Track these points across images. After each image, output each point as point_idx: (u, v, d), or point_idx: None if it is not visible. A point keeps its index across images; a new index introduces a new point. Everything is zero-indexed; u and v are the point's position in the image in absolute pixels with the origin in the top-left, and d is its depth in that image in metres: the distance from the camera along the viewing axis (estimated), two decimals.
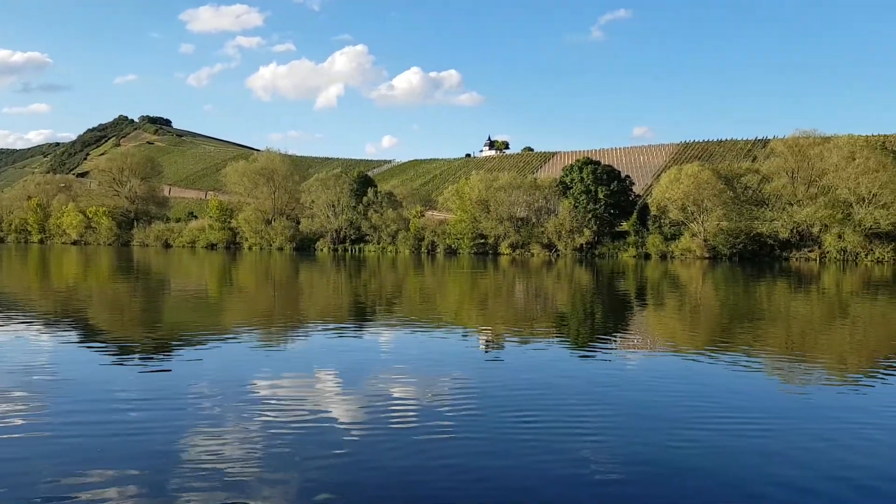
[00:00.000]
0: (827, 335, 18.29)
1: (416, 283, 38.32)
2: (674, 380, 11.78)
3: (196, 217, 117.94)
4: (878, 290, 34.19)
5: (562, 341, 16.39)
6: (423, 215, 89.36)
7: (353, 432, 8.37)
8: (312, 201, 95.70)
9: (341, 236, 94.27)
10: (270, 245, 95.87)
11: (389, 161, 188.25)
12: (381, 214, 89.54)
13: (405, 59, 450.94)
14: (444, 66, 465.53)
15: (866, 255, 63.95)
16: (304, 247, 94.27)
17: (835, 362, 13.98)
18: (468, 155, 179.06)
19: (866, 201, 64.61)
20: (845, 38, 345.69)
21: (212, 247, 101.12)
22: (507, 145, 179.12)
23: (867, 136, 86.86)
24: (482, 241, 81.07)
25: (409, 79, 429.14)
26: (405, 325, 19.07)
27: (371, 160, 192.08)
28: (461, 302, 27.86)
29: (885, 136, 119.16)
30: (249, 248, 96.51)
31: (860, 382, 11.91)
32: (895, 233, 63.91)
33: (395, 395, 10.40)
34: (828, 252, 65.64)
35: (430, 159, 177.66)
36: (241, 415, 9.03)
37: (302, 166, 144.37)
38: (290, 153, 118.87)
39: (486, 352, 14.81)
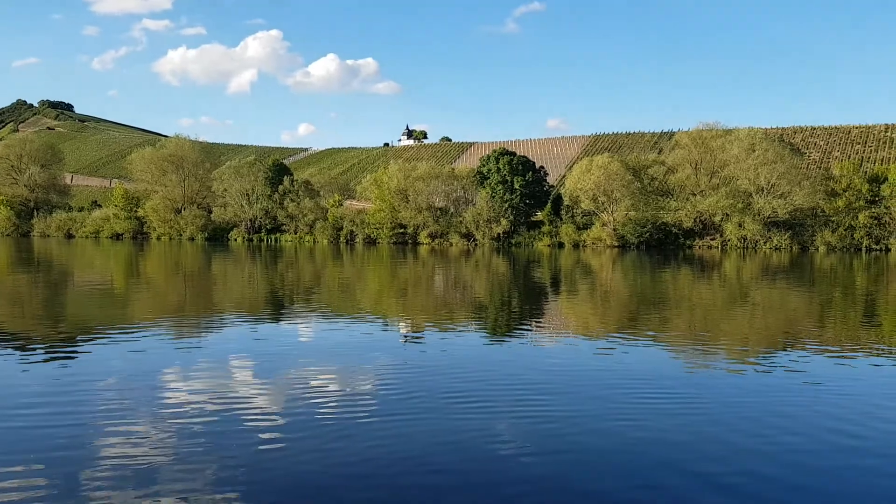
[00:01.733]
0: (728, 320, 19.36)
1: (335, 272, 37.95)
2: (585, 363, 12.22)
3: (100, 206, 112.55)
4: (775, 276, 36.39)
5: (480, 329, 16.67)
6: (342, 204, 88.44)
7: (271, 424, 8.27)
8: (225, 190, 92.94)
9: (256, 226, 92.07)
10: (180, 235, 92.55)
11: (306, 149, 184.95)
12: (298, 203, 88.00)
13: (321, 45, 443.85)
14: (362, 53, 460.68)
15: (765, 242, 67.86)
16: (217, 237, 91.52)
17: (736, 346, 14.84)
18: (387, 144, 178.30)
19: (765, 191, 68.50)
20: (747, 34, 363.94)
21: (117, 237, 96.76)
22: (425, 135, 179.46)
23: (766, 129, 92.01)
24: (401, 230, 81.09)
25: (325, 66, 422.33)
26: (324, 315, 18.90)
27: (287, 148, 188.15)
28: (381, 292, 27.83)
29: (782, 128, 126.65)
30: (158, 239, 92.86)
31: (759, 365, 12.69)
32: (792, 221, 68.10)
33: (314, 385, 10.33)
34: (729, 240, 69.23)
35: (349, 148, 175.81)
36: (153, 409, 8.76)
37: (214, 153, 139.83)
38: (200, 139, 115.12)
39: (406, 341, 14.89)
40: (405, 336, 15.50)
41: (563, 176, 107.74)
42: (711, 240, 70.60)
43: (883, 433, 8.20)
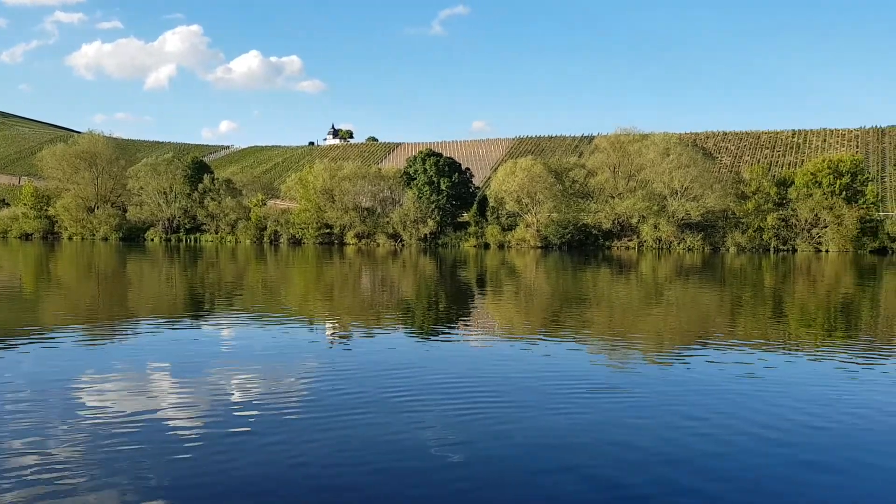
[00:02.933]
0: (645, 318, 20.11)
1: (258, 273, 37.21)
2: (511, 362, 12.48)
3: (8, 204, 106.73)
4: (689, 276, 37.99)
5: (408, 329, 16.74)
6: (265, 204, 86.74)
7: (190, 430, 8.10)
8: (141, 188, 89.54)
9: (175, 225, 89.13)
10: (94, 235, 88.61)
11: (228, 147, 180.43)
12: (219, 202, 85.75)
13: (244, 42, 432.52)
14: (286, 51, 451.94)
15: (679, 243, 70.67)
16: (133, 237, 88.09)
17: (652, 343, 15.46)
18: (312, 143, 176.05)
19: (679, 194, 71.35)
20: (665, 42, 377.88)
21: (26, 237, 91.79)
22: (351, 134, 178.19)
23: (680, 134, 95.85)
24: (327, 230, 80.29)
25: (248, 62, 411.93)
26: (248, 317, 18.54)
27: (208, 145, 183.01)
28: (307, 293, 27.49)
29: (695, 133, 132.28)
30: (70, 239, 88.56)
31: (674, 360, 13.27)
32: (704, 223, 71.16)
33: (235, 389, 10.15)
34: (645, 241, 71.75)
35: (272, 146, 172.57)
36: (66, 417, 8.42)
37: (129, 150, 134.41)
38: (115, 136, 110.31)
39: (334, 342, 14.80)
40: (332, 337, 15.41)
41: (489, 178, 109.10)
42: (629, 241, 72.98)
43: (795, 423, 8.74)
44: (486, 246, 74.09)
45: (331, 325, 17.30)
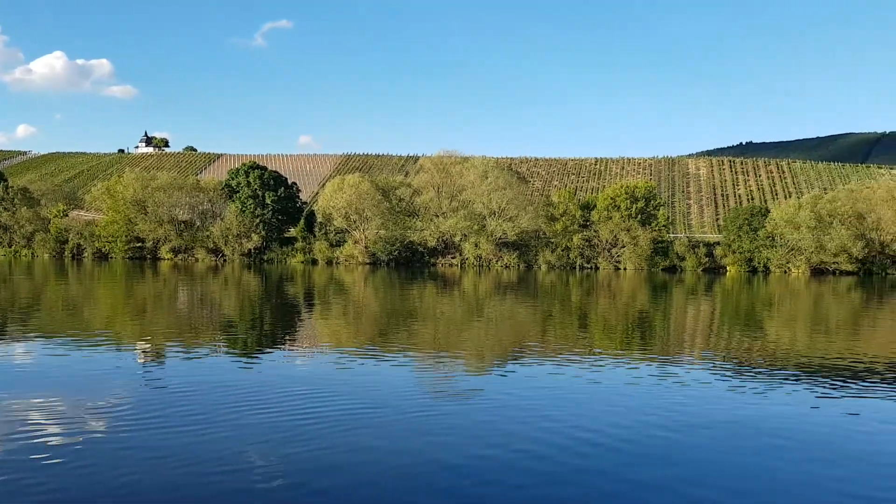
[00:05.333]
0: (467, 331, 21.08)
1: (58, 291, 33.93)
2: (337, 377, 12.59)
3: None
4: (506, 292, 40.18)
5: (230, 348, 16.23)
6: (67, 215, 79.11)
7: None
8: None
9: None
10: None
11: (25, 153, 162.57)
12: (14, 213, 77.02)
13: (47, 42, 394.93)
14: (94, 54, 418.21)
15: (497, 261, 74.34)
16: None
17: (473, 355, 16.28)
18: (122, 151, 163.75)
19: (497, 215, 75.17)
20: (485, 67, 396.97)
21: None
22: (166, 143, 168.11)
23: (497, 158, 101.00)
24: (139, 244, 74.90)
25: (50, 63, 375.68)
26: (45, 338, 16.95)
27: (1, 150, 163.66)
28: (114, 312, 25.56)
29: (511, 158, 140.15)
30: None
31: (494, 371, 14.10)
32: (519, 242, 75.46)
33: (30, 420, 9.35)
34: (467, 258, 74.70)
35: (77, 153, 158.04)
36: None
37: None
38: None
39: (144, 365, 14.00)
40: (144, 359, 14.57)
41: (317, 193, 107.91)
42: (452, 258, 75.58)
43: (601, 423, 9.70)
44: (315, 262, 73.13)
45: (143, 346, 16.32)
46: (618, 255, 74.47)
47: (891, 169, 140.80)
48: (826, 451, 8.72)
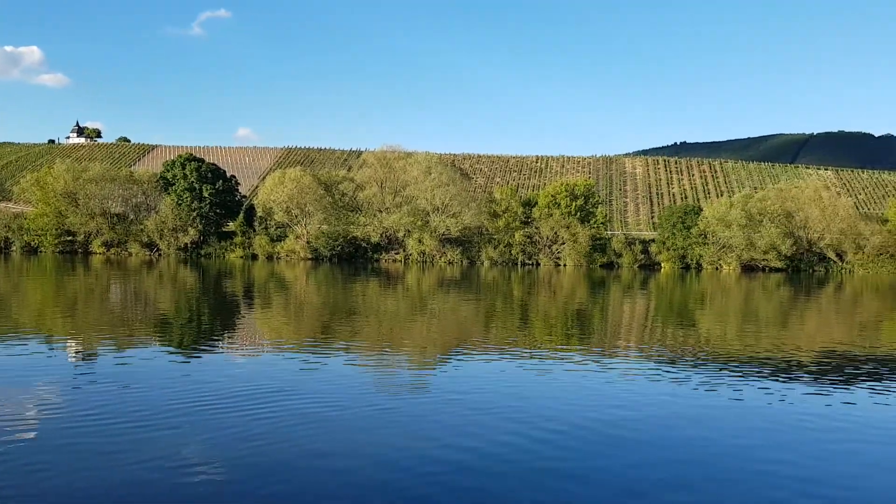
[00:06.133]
0: (411, 327, 21.10)
1: None
2: (275, 374, 12.42)
3: None
4: (449, 287, 40.35)
5: (165, 346, 15.81)
6: None
7: None
8: None
9: None
10: None
11: None
12: None
13: None
14: (24, 40, 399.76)
15: (440, 257, 74.57)
16: None
17: (417, 350, 16.31)
18: (52, 141, 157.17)
19: (440, 211, 75.36)
20: (427, 64, 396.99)
21: None
22: (99, 133, 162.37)
23: (440, 154, 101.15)
24: (70, 238, 72.12)
25: None
26: None
27: None
28: (44, 309, 24.54)
29: (454, 154, 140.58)
30: None
31: (438, 367, 14.16)
32: (462, 238, 75.86)
33: None
34: (410, 254, 74.68)
35: (4, 143, 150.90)
36: None
37: None
38: None
39: (76, 363, 13.51)
40: (75, 357, 14.06)
41: (256, 187, 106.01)
42: (396, 254, 75.43)
43: (550, 419, 9.86)
44: (254, 257, 71.82)
45: (74, 344, 15.74)
46: (558, 252, 75.66)
47: (818, 169, 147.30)
48: (758, 440, 9.08)
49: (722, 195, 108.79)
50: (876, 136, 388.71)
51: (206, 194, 74.71)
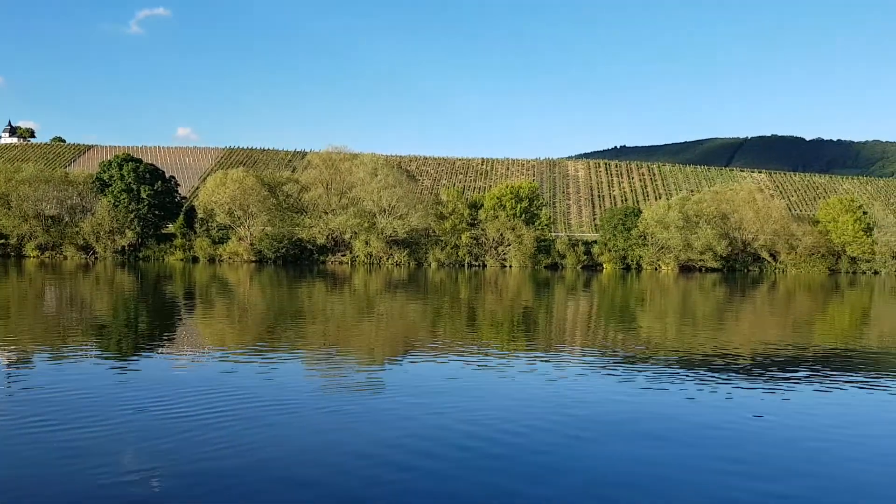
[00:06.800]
0: (357, 329, 20.99)
1: None
2: (218, 378, 12.20)
3: None
4: (397, 289, 40.27)
5: (103, 351, 15.32)
6: None
7: None
8: None
9: None
10: None
11: None
12: None
13: None
14: None
15: (388, 259, 74.36)
16: None
17: (365, 352, 16.25)
18: None
19: (387, 212, 75.17)
20: (371, 64, 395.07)
21: None
22: (32, 133, 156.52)
23: (387, 156, 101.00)
24: (1, 241, 69.35)
25: None
26: None
27: None
28: None
29: (400, 156, 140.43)
30: None
31: (385, 368, 14.14)
32: (409, 240, 75.84)
33: None
34: (357, 256, 74.24)
35: None
36: None
37: None
38: None
39: (9, 371, 12.97)
40: (9, 364, 13.50)
41: (197, 188, 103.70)
42: (342, 256, 74.86)
43: (498, 418, 9.95)
44: (195, 259, 70.19)
45: (5, 351, 15.11)
46: (504, 253, 76.42)
47: (752, 172, 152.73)
48: (708, 436, 9.39)
49: (660, 198, 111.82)
50: (807, 139, 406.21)
51: (144, 195, 72.73)
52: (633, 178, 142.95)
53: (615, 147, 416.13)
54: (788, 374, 13.99)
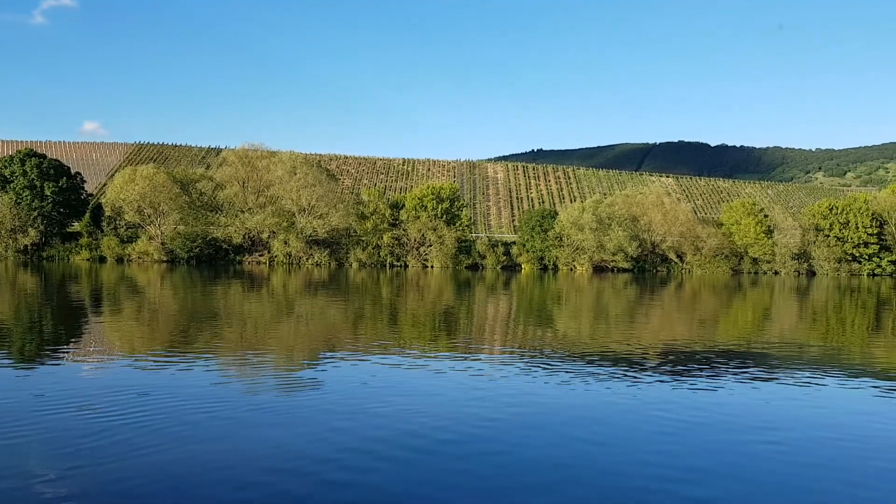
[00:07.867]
0: (276, 331, 20.63)
1: None
2: (128, 383, 11.78)
3: None
4: (317, 290, 39.76)
5: (2, 357, 14.47)
6: None
7: None
8: None
9: None
10: None
11: None
12: None
13: None
14: None
15: (308, 259, 73.27)
16: None
17: (283, 354, 16.00)
18: None
19: (306, 212, 74.08)
20: (291, 62, 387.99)
21: None
22: None
23: (306, 154, 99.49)
24: None
25: None
26: None
27: None
28: None
29: (320, 154, 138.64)
30: None
31: (306, 370, 13.99)
32: (330, 240, 75.01)
33: None
34: (276, 256, 72.81)
35: None
36: None
37: None
38: None
39: None
40: None
41: (104, 185, 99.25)
42: (260, 256, 73.25)
43: (429, 416, 10.01)
44: (103, 259, 67.09)
45: None
46: (426, 254, 76.77)
47: (661, 176, 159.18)
48: (634, 431, 9.77)
49: (575, 200, 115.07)
50: (712, 145, 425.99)
51: (48, 192, 69.07)
52: (549, 181, 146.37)
53: (532, 150, 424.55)
54: (697, 370, 14.72)
